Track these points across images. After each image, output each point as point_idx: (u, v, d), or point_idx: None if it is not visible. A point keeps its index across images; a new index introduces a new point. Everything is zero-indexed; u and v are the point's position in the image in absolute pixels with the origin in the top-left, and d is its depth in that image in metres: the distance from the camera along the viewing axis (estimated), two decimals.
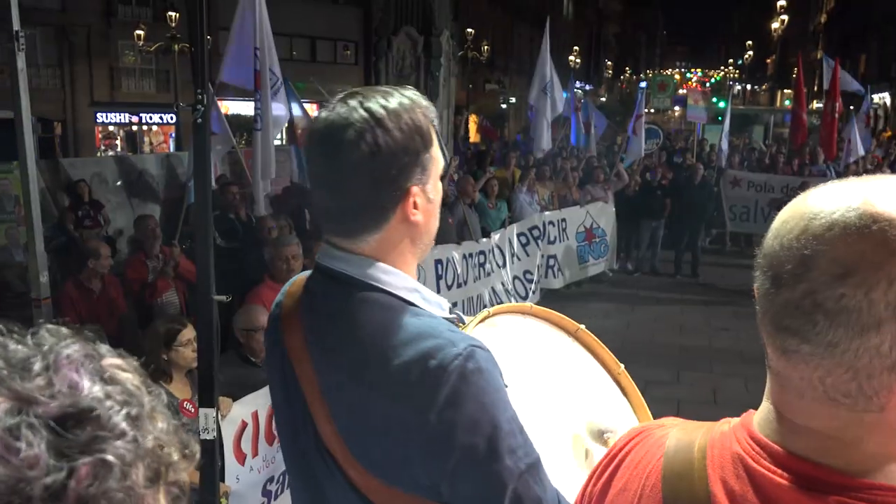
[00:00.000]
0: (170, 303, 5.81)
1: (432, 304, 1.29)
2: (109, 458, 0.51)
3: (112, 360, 0.58)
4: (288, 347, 1.32)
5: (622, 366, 1.77)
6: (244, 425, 3.70)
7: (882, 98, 36.32)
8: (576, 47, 45.34)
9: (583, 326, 1.81)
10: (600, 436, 1.54)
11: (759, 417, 0.85)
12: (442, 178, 1.34)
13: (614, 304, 9.79)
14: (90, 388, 0.54)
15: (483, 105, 32.16)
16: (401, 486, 1.19)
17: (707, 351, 7.90)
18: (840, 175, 12.48)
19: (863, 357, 0.72)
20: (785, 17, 40.07)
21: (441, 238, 7.94)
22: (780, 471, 0.79)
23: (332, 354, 1.25)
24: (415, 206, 1.24)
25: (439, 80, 12.64)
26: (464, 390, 1.13)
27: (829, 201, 0.76)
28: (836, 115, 13.40)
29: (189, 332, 3.65)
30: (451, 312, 1.35)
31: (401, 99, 1.23)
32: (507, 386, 1.23)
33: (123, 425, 0.53)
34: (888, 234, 0.71)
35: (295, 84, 9.25)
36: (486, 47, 29.04)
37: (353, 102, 1.21)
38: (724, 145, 14.70)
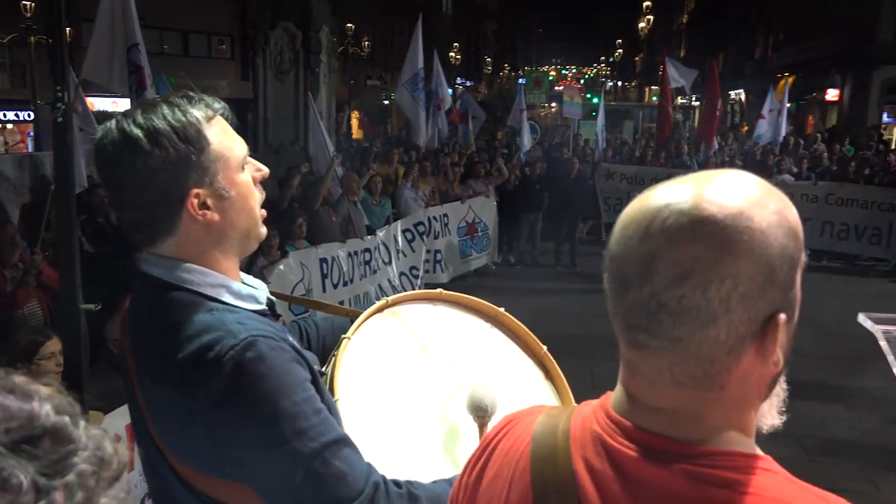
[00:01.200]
0: (32, 314, 5.45)
1: (244, 299, 1.35)
2: (84, 467, 0.52)
3: (23, 379, 0.58)
4: (124, 349, 1.40)
5: (545, 347, 1.76)
6: (118, 439, 3.54)
7: (738, 94, 39.08)
8: (456, 43, 45.92)
9: (502, 309, 1.79)
10: (478, 415, 1.55)
11: (615, 398, 0.93)
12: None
13: (497, 296, 9.85)
14: (36, 407, 0.53)
15: (365, 101, 31.99)
16: (208, 472, 1.26)
17: (585, 338, 8.25)
18: (701, 166, 13.37)
19: (704, 347, 0.81)
20: (651, 18, 42.36)
21: (326, 236, 7.86)
22: (632, 445, 0.86)
23: (140, 353, 1.33)
24: (205, 207, 1.30)
25: (320, 76, 12.44)
26: (241, 380, 1.19)
27: (665, 207, 0.82)
28: (718, 112, 14.30)
29: (53, 345, 3.45)
30: (268, 304, 1.41)
31: (163, 110, 1.28)
32: (323, 373, 1.33)
33: (83, 437, 0.55)
34: (717, 236, 0.79)
35: (169, 79, 8.85)
36: (366, 43, 28.89)
37: (111, 124, 1.29)
38: (601, 140, 15.37)
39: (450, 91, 14.39)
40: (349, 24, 26.73)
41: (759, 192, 0.83)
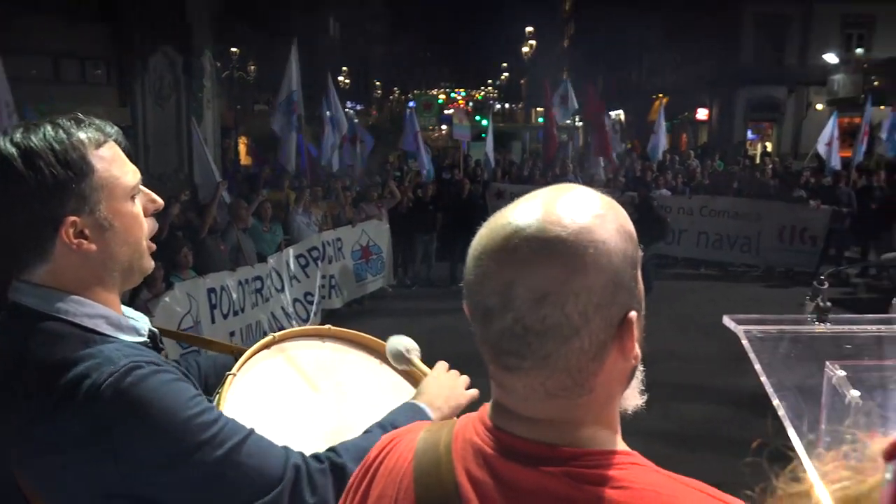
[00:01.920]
0: None
1: (124, 330, 1.29)
2: None
3: None
4: None
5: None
6: None
7: (617, 114, 41.03)
8: (345, 67, 45.85)
9: None
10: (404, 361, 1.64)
11: (492, 410, 0.95)
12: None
13: (394, 318, 9.99)
14: None
15: (253, 126, 31.31)
16: None
17: (481, 355, 8.36)
18: (587, 183, 13.89)
19: (572, 359, 0.85)
20: (533, 42, 44.05)
21: (214, 266, 7.59)
22: (510, 454, 0.89)
23: (5, 386, 1.21)
24: (81, 236, 1.23)
25: (203, 102, 12.09)
26: (122, 406, 1.14)
27: (514, 234, 0.85)
28: (606, 129, 14.90)
29: None
30: (150, 336, 1.36)
31: (46, 131, 1.21)
32: (212, 399, 1.27)
33: None
34: (566, 255, 0.83)
35: (37, 106, 8.36)
36: (252, 67, 28.34)
37: None
38: (491, 160, 15.70)
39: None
40: (234, 49, 26.15)
41: (598, 205, 0.88)
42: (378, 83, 69.97)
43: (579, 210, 0.86)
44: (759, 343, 1.47)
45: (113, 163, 1.26)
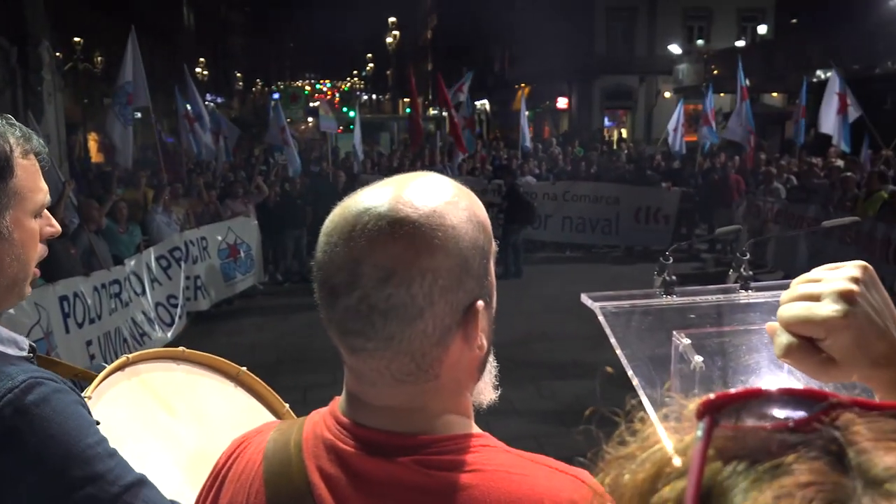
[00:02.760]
0: None
1: (5, 343, 1.21)
2: None
3: None
4: None
5: (287, 406, 1.74)
6: None
7: (483, 104, 41.92)
8: (202, 59, 43.93)
9: (244, 369, 1.75)
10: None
11: (342, 402, 0.93)
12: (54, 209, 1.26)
13: (267, 316, 9.74)
14: None
15: (103, 121, 29.38)
16: None
17: None
18: (455, 173, 14.12)
19: (415, 342, 0.85)
20: (397, 33, 44.05)
21: (64, 271, 7.05)
22: (361, 445, 0.88)
23: None
24: None
25: (43, 96, 11.17)
26: (22, 425, 1.07)
27: (365, 212, 0.85)
28: (456, 120, 15.00)
29: None
30: (30, 350, 1.28)
31: None
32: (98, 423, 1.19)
33: None
34: (414, 235, 0.83)
35: None
36: (99, 59, 26.55)
37: None
38: (359, 152, 15.57)
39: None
40: (77, 39, 24.35)
41: (450, 192, 0.89)
42: (239, 74, 67.60)
43: (431, 194, 0.87)
44: (614, 318, 1.54)
45: (31, 175, 1.23)
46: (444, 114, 15.00)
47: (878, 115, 18.34)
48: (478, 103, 42.23)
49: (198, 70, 37.18)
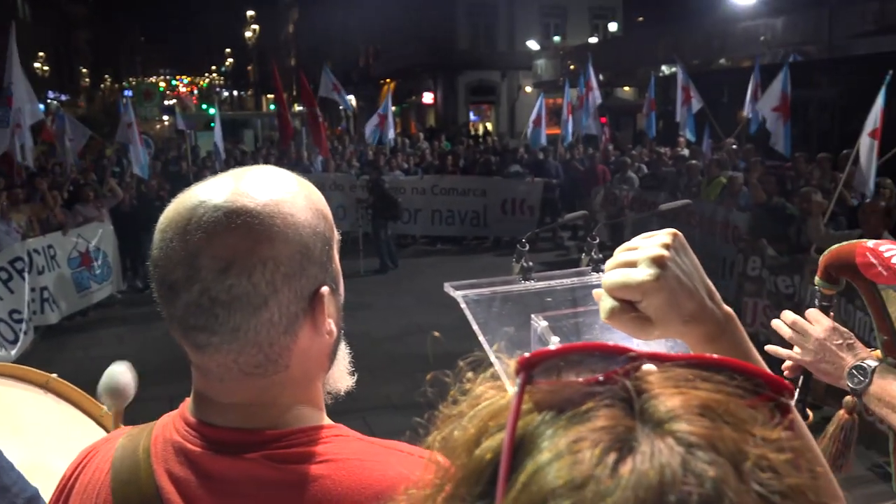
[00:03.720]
0: None
1: None
2: None
3: None
4: None
5: (104, 407, 1.66)
6: None
7: (349, 100, 41.55)
8: (41, 53, 40.75)
9: (54, 375, 1.66)
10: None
11: (191, 403, 0.91)
12: None
13: (128, 326, 9.19)
14: None
15: None
16: None
17: None
18: (323, 170, 13.92)
19: (262, 331, 0.83)
20: (256, 27, 42.72)
21: None
22: (210, 445, 0.86)
23: None
24: None
25: None
26: None
27: (200, 204, 0.84)
28: (321, 120, 14.67)
29: None
30: None
31: None
32: None
33: None
34: (252, 224, 0.82)
35: None
36: None
37: None
38: (221, 150, 15.00)
39: (41, 107, 12.66)
40: None
41: (287, 182, 0.89)
42: (85, 70, 63.24)
43: (267, 184, 0.87)
44: (476, 305, 1.59)
45: None
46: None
47: (718, 107, 19.89)
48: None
49: (37, 66, 34.43)
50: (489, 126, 32.06)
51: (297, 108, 33.64)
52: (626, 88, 28.05)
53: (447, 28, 30.06)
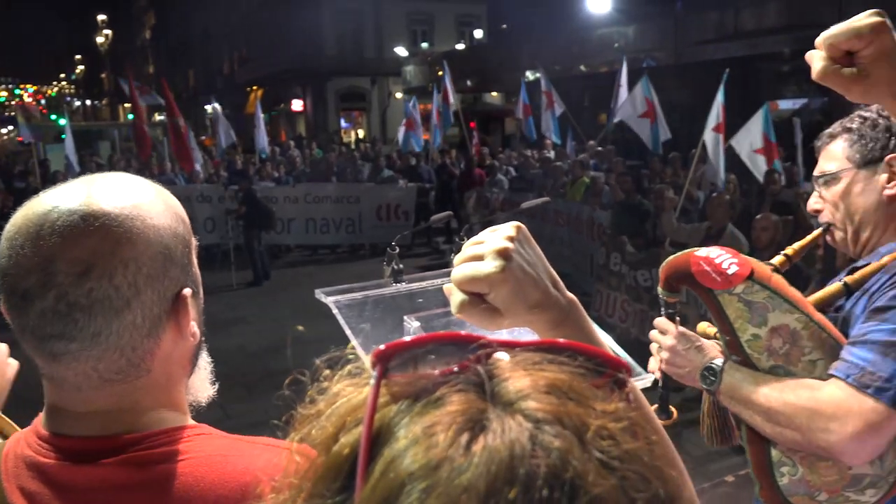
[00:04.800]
0: None
1: None
2: None
3: None
4: None
5: None
6: None
7: (214, 108, 40.13)
8: None
9: None
10: None
11: (45, 416, 0.88)
12: None
13: None
14: None
15: None
16: None
17: None
18: (188, 181, 13.37)
19: (124, 335, 0.82)
20: (109, 32, 40.33)
21: None
22: (66, 456, 0.83)
23: None
24: None
25: None
26: None
27: (53, 210, 0.81)
28: (183, 130, 14.00)
29: None
30: None
31: None
32: None
33: None
34: (110, 227, 0.81)
35: None
36: None
37: None
38: (74, 163, 14.06)
39: None
40: None
41: (143, 185, 0.90)
42: None
43: (124, 189, 0.87)
44: (348, 310, 1.59)
45: None
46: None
47: (580, 110, 20.86)
48: (207, 107, 40.43)
49: None
50: (361, 133, 31.97)
51: (159, 117, 32.10)
52: (494, 94, 28.83)
53: (314, 34, 29.70)
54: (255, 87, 34.07)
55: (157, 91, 15.64)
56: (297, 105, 33.12)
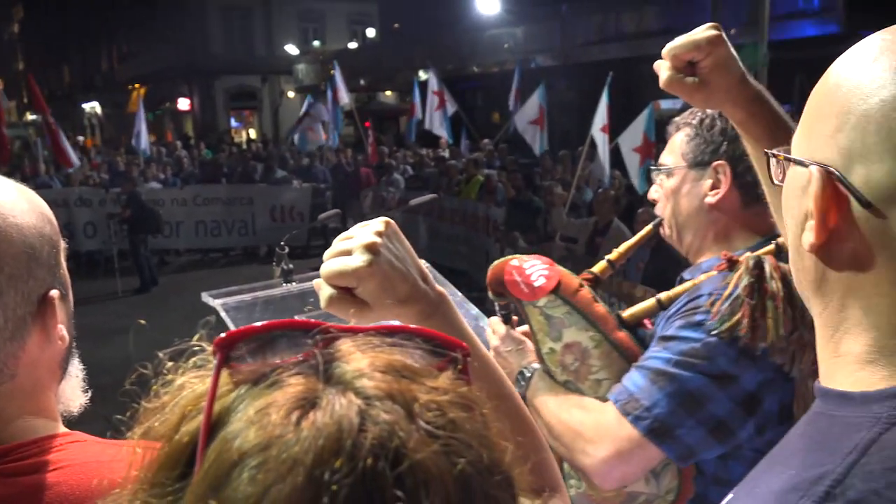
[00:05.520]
0: None
1: None
2: None
3: None
4: None
5: None
6: None
7: (93, 107, 38.04)
8: None
9: None
10: None
11: None
12: None
13: None
14: None
15: None
16: None
17: None
18: (64, 184, 12.60)
19: None
20: None
21: None
22: None
23: None
24: None
25: None
26: None
27: None
28: (55, 129, 13.18)
29: None
30: None
31: None
32: None
33: None
34: None
35: None
36: None
37: None
38: None
39: None
40: None
41: (4, 185, 0.86)
42: None
43: None
44: (237, 312, 1.55)
45: None
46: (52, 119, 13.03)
47: (474, 110, 21.17)
48: (86, 106, 38.28)
49: None
50: (252, 132, 31.14)
51: (31, 116, 30.04)
52: (388, 93, 28.78)
53: (199, 30, 28.67)
54: (137, 85, 32.48)
55: (26, 88, 14.61)
56: (183, 104, 31.86)
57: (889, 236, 0.59)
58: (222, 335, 0.48)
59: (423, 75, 18.20)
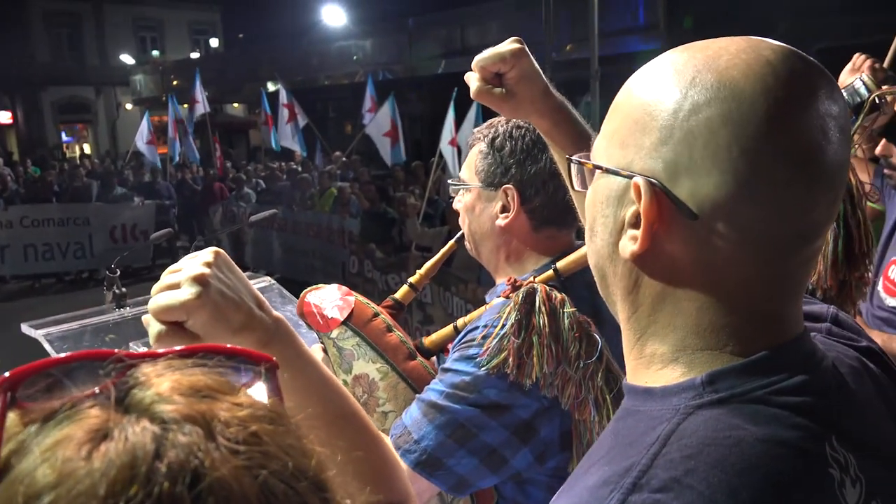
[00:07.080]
0: None
1: None
2: None
3: None
4: None
5: None
6: None
7: None
8: None
9: None
10: None
11: None
12: None
13: None
14: None
15: None
16: None
17: None
18: None
19: None
20: None
21: None
22: None
23: None
24: None
25: None
26: None
27: None
28: None
29: None
30: None
31: None
32: None
33: None
34: None
35: None
36: None
37: None
38: None
39: None
40: None
41: None
42: None
43: None
44: (62, 343, 1.45)
45: None
46: None
47: (326, 121, 20.96)
48: None
49: None
50: (87, 147, 29.06)
51: None
52: (236, 105, 27.87)
53: (21, 37, 26.41)
54: None
55: None
56: (3, 117, 29.18)
57: (710, 247, 0.62)
58: (5, 374, 0.45)
59: (271, 87, 17.82)
